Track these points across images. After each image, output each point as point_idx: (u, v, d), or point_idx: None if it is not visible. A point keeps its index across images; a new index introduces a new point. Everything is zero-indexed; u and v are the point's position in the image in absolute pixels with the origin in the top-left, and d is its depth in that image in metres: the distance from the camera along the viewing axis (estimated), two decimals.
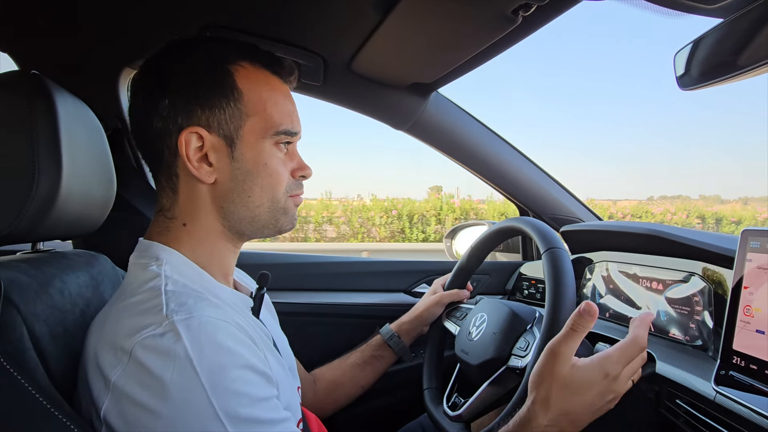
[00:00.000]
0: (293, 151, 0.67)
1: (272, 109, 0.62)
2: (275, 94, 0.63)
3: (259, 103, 0.61)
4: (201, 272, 0.61)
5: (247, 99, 0.61)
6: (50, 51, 0.94)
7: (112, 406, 0.48)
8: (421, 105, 1.19)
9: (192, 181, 0.61)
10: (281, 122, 0.63)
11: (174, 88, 0.59)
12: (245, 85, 0.61)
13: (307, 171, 0.67)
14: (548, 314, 0.72)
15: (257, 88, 0.62)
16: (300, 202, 0.68)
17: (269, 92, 0.63)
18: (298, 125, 0.65)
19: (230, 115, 0.60)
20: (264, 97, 0.62)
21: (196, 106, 0.59)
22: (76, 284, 0.66)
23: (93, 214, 0.72)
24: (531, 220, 0.87)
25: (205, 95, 0.59)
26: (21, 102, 0.58)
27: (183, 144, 0.59)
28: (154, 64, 0.62)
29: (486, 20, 0.79)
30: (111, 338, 0.51)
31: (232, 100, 0.60)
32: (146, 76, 0.62)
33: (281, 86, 0.65)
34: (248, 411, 0.49)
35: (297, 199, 0.67)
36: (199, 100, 0.59)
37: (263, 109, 0.62)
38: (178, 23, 0.91)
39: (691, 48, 0.68)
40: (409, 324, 1.04)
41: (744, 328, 0.66)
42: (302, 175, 0.67)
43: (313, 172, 0.69)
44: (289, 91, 0.66)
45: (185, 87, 0.59)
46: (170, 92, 0.59)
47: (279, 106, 0.63)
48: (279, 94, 0.64)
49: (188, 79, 0.60)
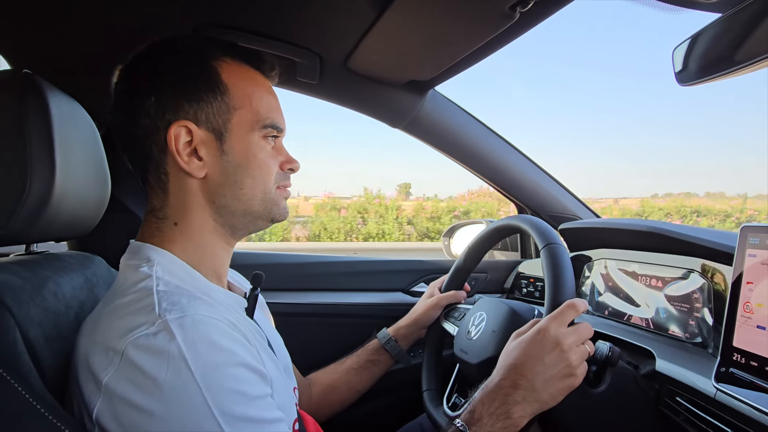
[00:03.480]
0: (280, 146, 0.68)
1: (257, 102, 0.63)
2: (259, 89, 0.64)
3: (244, 97, 0.62)
4: (193, 273, 0.60)
5: (233, 93, 0.61)
6: (43, 50, 0.93)
7: (104, 408, 0.47)
8: (418, 103, 1.18)
9: (182, 178, 0.61)
10: (267, 116, 0.63)
11: (159, 85, 0.59)
12: (230, 79, 0.61)
13: (295, 164, 0.68)
14: (548, 311, 0.71)
15: (242, 83, 0.62)
16: (288, 195, 0.68)
17: (253, 87, 0.64)
18: (283, 122, 0.67)
19: (217, 108, 0.60)
20: (249, 92, 0.63)
21: (183, 101, 0.59)
22: (71, 286, 0.65)
23: (87, 215, 0.71)
24: (529, 217, 0.86)
25: (191, 90, 0.59)
26: (13, 101, 0.58)
27: (172, 139, 0.59)
28: (136, 65, 0.62)
29: (483, 16, 0.78)
30: (102, 339, 0.50)
31: (219, 94, 0.60)
32: (130, 76, 0.62)
33: (264, 81, 0.66)
34: (243, 409, 0.49)
35: (285, 192, 0.68)
36: (185, 94, 0.59)
37: (249, 102, 0.62)
38: (173, 21, 0.90)
39: (689, 43, 0.68)
40: (407, 328, 1.03)
41: (744, 324, 0.66)
42: (290, 168, 0.68)
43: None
44: (272, 87, 0.67)
45: (171, 83, 0.60)
46: (156, 89, 0.59)
47: (264, 101, 0.64)
48: (263, 89, 0.65)
49: (173, 76, 0.60)
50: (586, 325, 0.69)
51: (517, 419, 0.63)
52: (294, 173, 0.69)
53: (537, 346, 0.66)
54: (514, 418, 0.63)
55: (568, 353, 0.65)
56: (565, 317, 0.68)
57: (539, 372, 0.64)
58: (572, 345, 0.66)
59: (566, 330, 0.67)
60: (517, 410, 0.63)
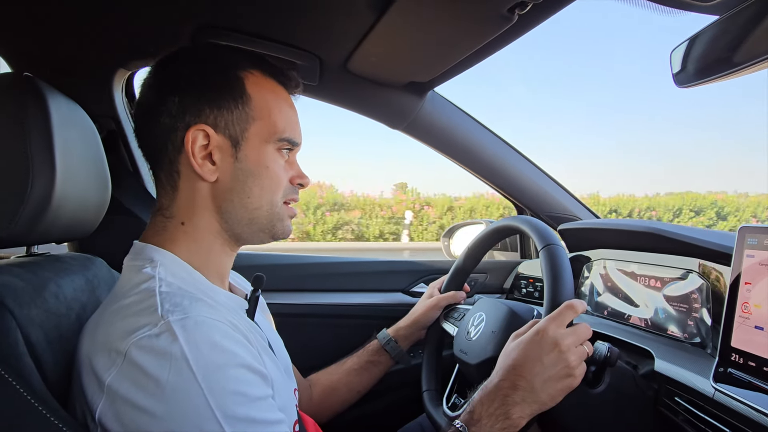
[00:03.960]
0: (293, 160, 0.69)
1: (277, 116, 0.64)
2: (281, 103, 0.66)
3: (265, 108, 0.63)
4: (195, 274, 0.61)
5: (255, 104, 0.63)
6: (43, 52, 0.94)
7: (106, 409, 0.48)
8: (418, 104, 1.18)
9: (193, 179, 0.62)
10: (285, 129, 0.65)
11: (184, 87, 0.61)
12: (254, 90, 0.63)
13: (305, 180, 0.69)
14: (547, 311, 0.72)
15: (265, 95, 0.64)
16: (294, 214, 0.69)
17: (275, 100, 0.65)
18: (300, 137, 0.68)
19: (237, 117, 0.62)
20: (270, 105, 0.64)
21: (205, 105, 0.61)
22: (72, 288, 0.65)
23: (88, 216, 0.71)
24: (528, 218, 0.87)
25: (214, 96, 0.61)
26: (14, 104, 0.58)
27: (189, 140, 0.60)
28: (164, 66, 0.64)
29: (482, 18, 0.78)
30: (104, 340, 0.51)
31: (241, 103, 0.62)
32: (156, 76, 0.63)
33: (286, 96, 0.68)
34: (245, 410, 0.49)
35: (291, 211, 0.69)
36: (208, 99, 0.61)
37: (269, 115, 0.64)
38: (173, 23, 0.90)
39: (687, 45, 0.68)
40: (406, 329, 1.04)
41: (742, 324, 0.66)
42: (300, 183, 0.69)
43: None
44: (293, 103, 0.69)
45: (195, 87, 0.61)
46: (180, 91, 0.61)
47: (284, 114, 0.65)
48: (285, 104, 0.66)
49: (200, 80, 0.62)
50: (585, 326, 0.69)
51: (516, 420, 0.63)
52: (303, 189, 0.70)
53: (536, 346, 0.66)
54: (513, 419, 0.63)
55: (566, 354, 0.65)
56: (564, 318, 0.68)
57: (538, 373, 0.65)
58: (571, 345, 0.66)
59: (565, 331, 0.67)
60: (516, 411, 0.63)
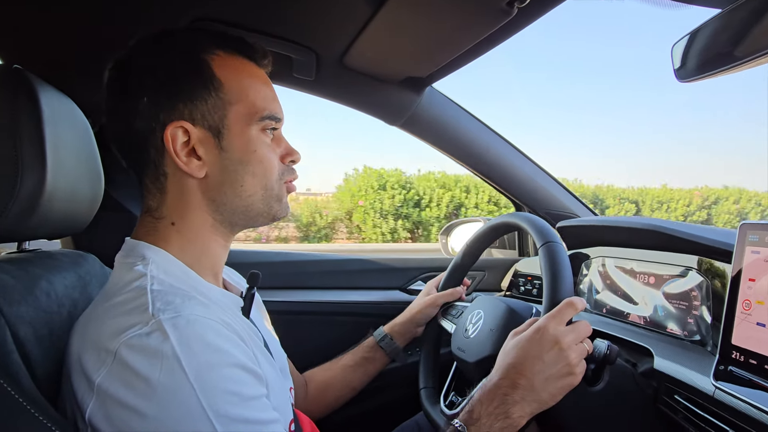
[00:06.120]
0: (279, 137, 0.66)
1: (254, 95, 0.61)
2: (254, 80, 0.63)
3: (240, 90, 0.60)
4: (189, 271, 0.59)
5: (228, 87, 0.60)
6: (34, 45, 0.92)
7: (97, 409, 0.47)
8: (415, 100, 1.18)
9: (181, 178, 0.60)
10: (264, 107, 0.62)
11: (151, 85, 0.58)
12: (223, 73, 0.60)
13: (296, 155, 0.67)
14: (546, 309, 0.71)
15: (236, 76, 0.61)
16: (293, 189, 0.67)
17: (248, 78, 0.62)
18: (281, 111, 0.65)
19: (212, 105, 0.59)
20: (244, 84, 0.61)
21: (177, 101, 0.58)
22: (63, 285, 0.64)
23: (80, 212, 0.70)
24: (526, 215, 0.86)
25: (184, 88, 0.58)
26: (3, 97, 0.57)
27: (169, 140, 0.57)
28: (126, 63, 0.60)
29: (480, 12, 0.78)
30: (94, 339, 0.50)
31: (213, 90, 0.59)
32: (120, 76, 0.60)
33: (258, 71, 0.64)
34: (238, 410, 0.48)
35: (290, 186, 0.67)
36: (179, 94, 0.58)
37: (245, 95, 0.61)
38: (167, 16, 0.89)
39: (688, 39, 0.67)
40: (402, 326, 1.03)
41: (743, 321, 0.65)
42: (292, 160, 0.67)
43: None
44: (266, 77, 0.66)
45: (163, 82, 0.58)
46: (148, 90, 0.57)
47: (260, 92, 0.62)
48: (257, 80, 0.63)
49: (165, 74, 0.58)
50: (585, 324, 0.68)
51: (516, 419, 0.63)
52: (295, 164, 0.68)
53: (536, 345, 0.65)
54: (513, 418, 0.63)
55: (567, 352, 0.65)
56: (563, 316, 0.67)
57: (538, 371, 0.64)
58: (571, 343, 0.65)
59: (565, 328, 0.66)
60: (516, 410, 0.63)
